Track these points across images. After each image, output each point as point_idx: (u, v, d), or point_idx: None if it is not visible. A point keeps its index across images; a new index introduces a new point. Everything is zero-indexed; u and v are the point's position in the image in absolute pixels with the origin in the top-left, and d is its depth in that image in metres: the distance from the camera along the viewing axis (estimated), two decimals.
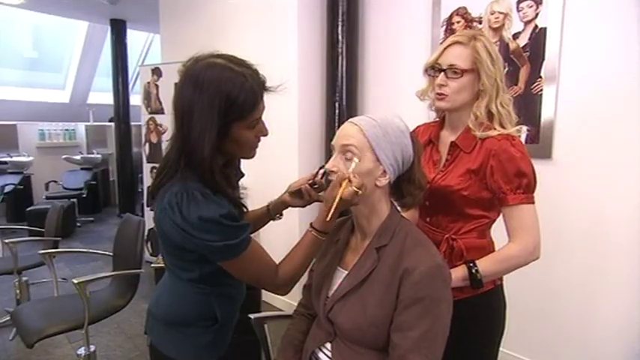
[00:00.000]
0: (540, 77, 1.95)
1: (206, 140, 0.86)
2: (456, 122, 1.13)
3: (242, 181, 1.15)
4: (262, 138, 0.98)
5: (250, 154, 0.98)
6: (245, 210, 1.07)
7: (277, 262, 0.98)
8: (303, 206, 1.16)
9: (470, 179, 1.07)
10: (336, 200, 0.88)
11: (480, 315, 1.11)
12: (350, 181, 0.88)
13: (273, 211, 1.21)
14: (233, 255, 0.90)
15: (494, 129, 1.06)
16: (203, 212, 0.85)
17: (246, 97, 0.87)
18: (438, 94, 1.09)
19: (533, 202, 1.04)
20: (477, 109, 1.06)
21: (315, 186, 1.11)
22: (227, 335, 1.07)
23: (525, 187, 1.02)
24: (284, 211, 1.22)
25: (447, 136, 1.16)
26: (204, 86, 0.86)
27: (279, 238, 1.85)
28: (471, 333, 1.08)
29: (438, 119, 1.22)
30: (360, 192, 0.88)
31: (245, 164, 1.14)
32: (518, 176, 1.02)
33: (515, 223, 1.04)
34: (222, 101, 0.85)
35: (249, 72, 0.89)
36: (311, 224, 0.97)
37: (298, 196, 1.14)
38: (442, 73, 1.07)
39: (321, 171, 1.10)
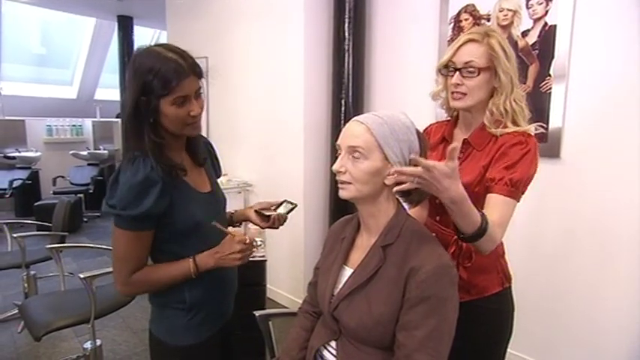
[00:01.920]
0: (549, 75, 1.92)
1: (130, 101, 0.92)
2: (470, 120, 1.12)
3: (248, 179, 1.16)
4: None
5: (184, 131, 1.00)
6: (184, 173, 1.01)
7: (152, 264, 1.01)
8: (263, 228, 1.23)
9: (481, 175, 1.05)
10: (228, 233, 0.99)
11: (486, 319, 1.10)
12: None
13: (235, 220, 1.27)
14: (115, 222, 0.94)
15: (507, 126, 1.04)
16: (125, 174, 0.92)
17: (168, 70, 0.91)
18: (453, 93, 1.07)
19: (514, 198, 0.99)
20: (493, 106, 1.04)
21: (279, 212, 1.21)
22: (205, 321, 1.08)
23: (509, 180, 0.98)
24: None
25: (460, 135, 1.14)
26: (135, 67, 0.93)
27: (281, 236, 1.85)
28: (478, 336, 1.07)
29: (450, 118, 1.21)
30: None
31: (250, 162, 1.14)
32: (507, 168, 0.99)
33: (489, 212, 0.95)
34: (145, 73, 0.91)
35: (180, 56, 0.95)
36: (194, 257, 0.99)
37: (264, 219, 1.21)
38: (457, 72, 1.05)
39: (284, 204, 1.22)
